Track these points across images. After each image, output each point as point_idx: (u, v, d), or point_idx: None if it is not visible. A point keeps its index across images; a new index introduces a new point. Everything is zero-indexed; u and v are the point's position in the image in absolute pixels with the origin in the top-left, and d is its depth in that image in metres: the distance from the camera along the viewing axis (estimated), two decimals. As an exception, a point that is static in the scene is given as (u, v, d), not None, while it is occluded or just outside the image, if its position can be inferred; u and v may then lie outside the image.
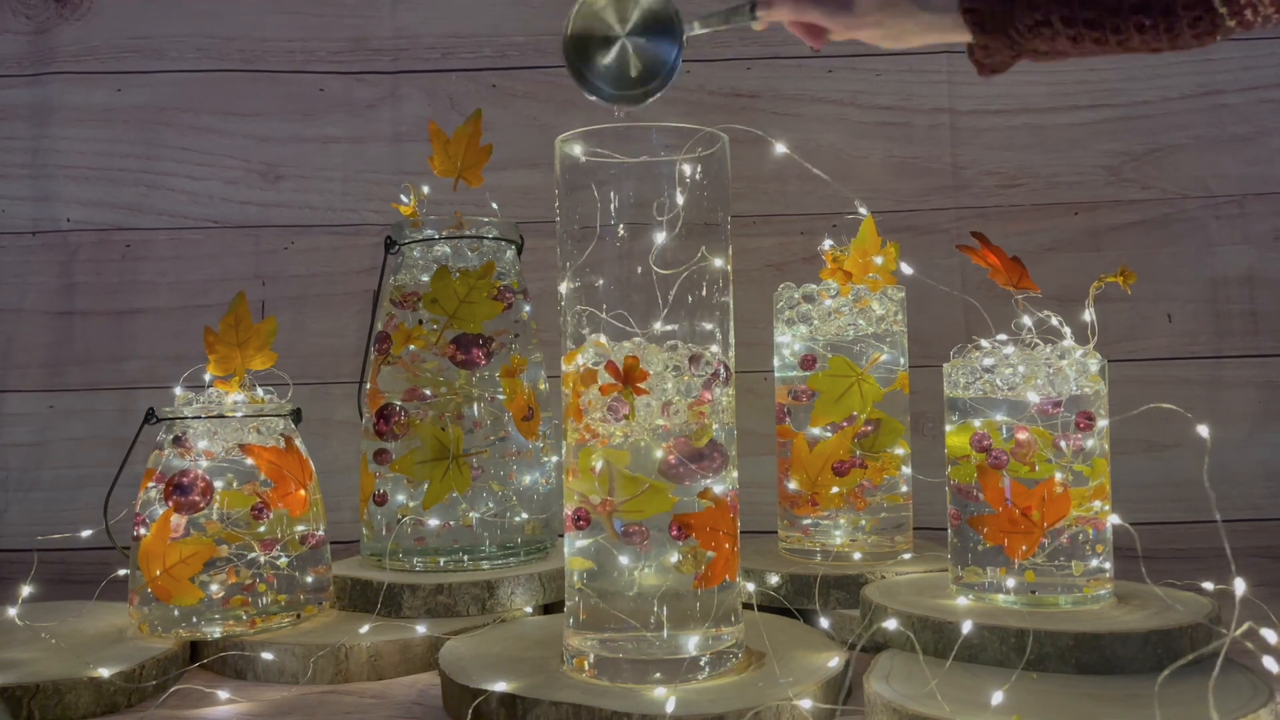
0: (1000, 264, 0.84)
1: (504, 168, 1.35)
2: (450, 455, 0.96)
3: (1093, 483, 0.79)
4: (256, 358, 0.90)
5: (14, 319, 1.41)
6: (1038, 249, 1.40)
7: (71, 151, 1.42)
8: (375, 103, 1.43)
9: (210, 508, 0.84)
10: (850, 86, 1.43)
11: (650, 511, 0.68)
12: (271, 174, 1.43)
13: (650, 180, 0.72)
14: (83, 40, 1.42)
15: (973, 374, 0.82)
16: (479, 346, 0.97)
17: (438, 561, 0.96)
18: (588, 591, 0.71)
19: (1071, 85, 1.41)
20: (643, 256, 0.71)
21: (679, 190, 0.71)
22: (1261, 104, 1.39)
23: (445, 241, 1.00)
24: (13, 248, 1.41)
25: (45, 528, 1.35)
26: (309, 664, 0.81)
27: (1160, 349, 1.39)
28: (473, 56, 1.43)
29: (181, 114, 1.43)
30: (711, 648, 0.70)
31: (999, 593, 0.80)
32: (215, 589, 0.84)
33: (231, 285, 1.40)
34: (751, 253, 1.41)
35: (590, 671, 0.70)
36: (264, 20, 1.43)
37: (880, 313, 0.99)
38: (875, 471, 0.98)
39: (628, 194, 0.72)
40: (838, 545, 0.99)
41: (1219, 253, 1.39)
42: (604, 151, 0.72)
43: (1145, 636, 0.71)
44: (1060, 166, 1.41)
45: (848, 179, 1.41)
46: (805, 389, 0.99)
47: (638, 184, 0.72)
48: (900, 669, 0.71)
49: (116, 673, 0.75)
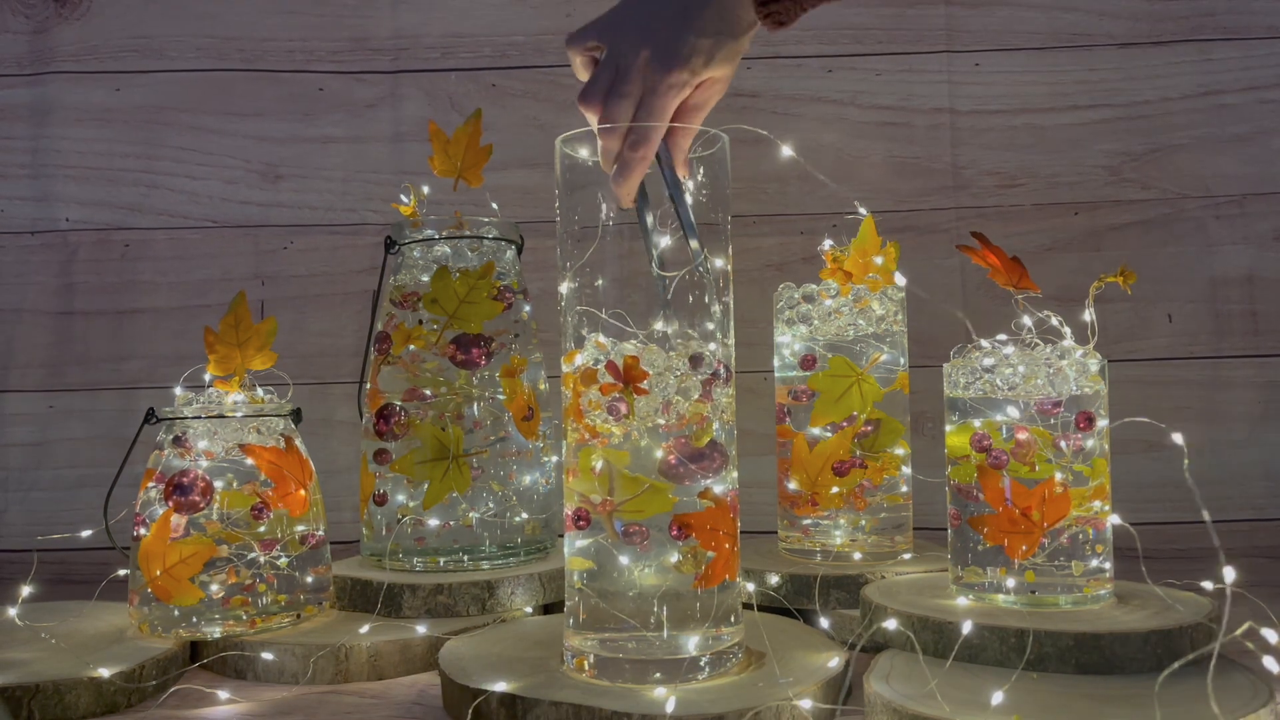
0: (1000, 264, 0.84)
1: (504, 168, 1.35)
2: (450, 455, 0.96)
3: (1093, 483, 0.79)
4: (256, 358, 0.90)
5: (14, 319, 1.41)
6: (1038, 249, 1.40)
7: (71, 151, 1.42)
8: (375, 103, 1.43)
9: (210, 508, 0.84)
10: (850, 86, 1.43)
11: (650, 511, 0.68)
12: (271, 174, 1.43)
13: (651, 181, 0.72)
14: (82, 40, 1.42)
15: (973, 374, 0.82)
16: (479, 346, 0.97)
17: (438, 561, 0.96)
18: (588, 591, 0.71)
19: (1071, 85, 1.41)
20: (643, 257, 0.71)
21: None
22: (1261, 104, 1.39)
23: (445, 241, 1.00)
24: (12, 248, 1.41)
25: (45, 528, 1.35)
26: (309, 664, 0.81)
27: (1160, 349, 1.39)
28: (472, 56, 1.43)
29: (181, 114, 1.43)
30: (711, 648, 0.70)
31: (999, 593, 0.80)
32: (215, 589, 0.84)
33: (231, 285, 1.40)
34: (751, 253, 1.41)
35: (590, 671, 0.70)
36: (264, 20, 1.43)
37: (880, 313, 0.99)
38: (875, 471, 0.98)
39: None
40: (838, 545, 0.99)
41: (1219, 253, 1.39)
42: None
43: (1145, 636, 0.71)
44: (1060, 166, 1.41)
45: (848, 179, 1.41)
46: (805, 389, 0.99)
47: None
48: (900, 669, 0.71)
49: (116, 673, 0.75)
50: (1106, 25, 1.41)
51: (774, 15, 0.69)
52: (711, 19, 0.68)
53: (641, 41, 0.68)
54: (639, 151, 0.67)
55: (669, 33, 0.68)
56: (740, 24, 0.70)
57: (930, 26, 1.42)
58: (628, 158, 0.68)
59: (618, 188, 0.69)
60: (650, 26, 0.69)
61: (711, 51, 0.68)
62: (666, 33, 0.68)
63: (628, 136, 0.68)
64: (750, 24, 0.70)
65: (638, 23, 0.69)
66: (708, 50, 0.68)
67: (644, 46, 0.68)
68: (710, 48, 0.68)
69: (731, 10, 0.69)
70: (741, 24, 0.70)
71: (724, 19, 0.69)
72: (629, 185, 0.68)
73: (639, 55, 0.68)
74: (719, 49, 0.69)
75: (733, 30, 0.69)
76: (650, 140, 0.68)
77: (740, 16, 0.69)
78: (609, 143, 0.69)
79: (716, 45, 0.68)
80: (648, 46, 0.68)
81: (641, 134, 0.68)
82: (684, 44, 0.67)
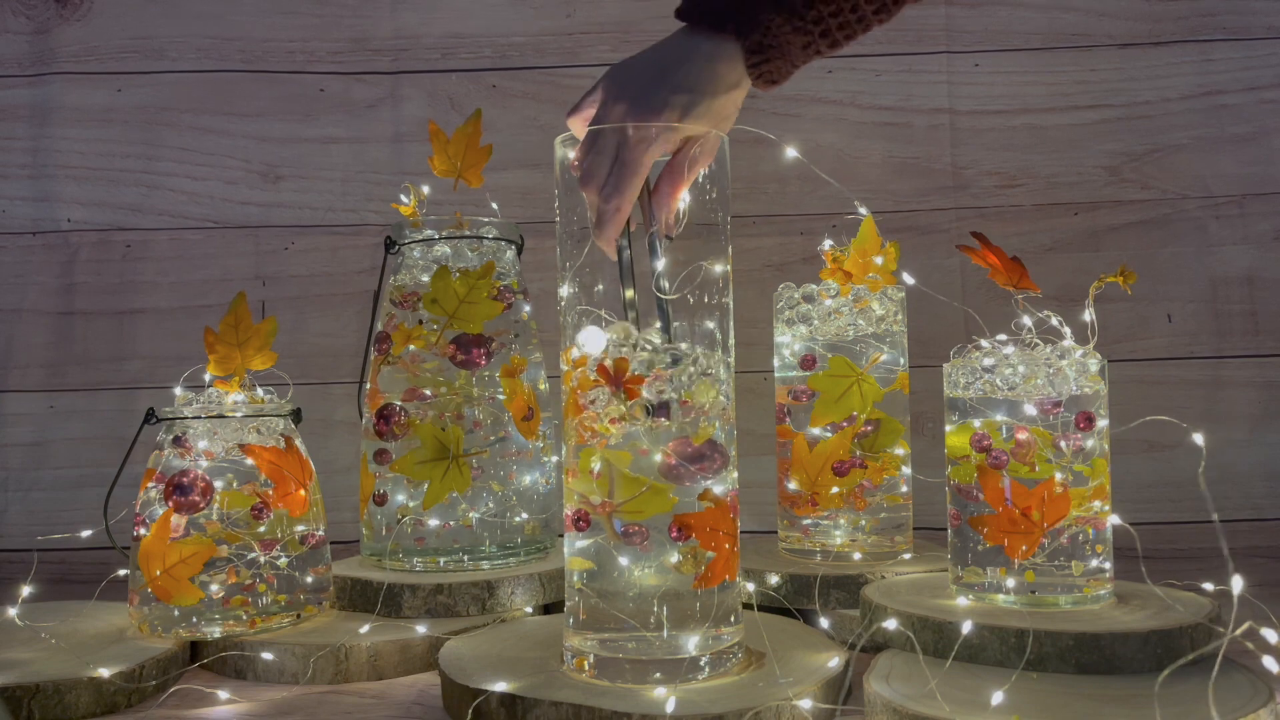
0: (1000, 264, 0.84)
1: (504, 168, 1.35)
2: (450, 455, 0.96)
3: (1093, 483, 0.79)
4: (256, 358, 0.90)
5: (14, 319, 1.41)
6: (1038, 249, 1.40)
7: (71, 152, 1.42)
8: (375, 103, 1.43)
9: (210, 508, 0.84)
10: (850, 86, 1.43)
11: (650, 512, 0.68)
12: (271, 174, 1.43)
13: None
14: (83, 40, 1.42)
15: (973, 374, 0.82)
16: (479, 346, 0.97)
17: (438, 561, 0.96)
18: (588, 592, 0.71)
19: (1071, 85, 1.41)
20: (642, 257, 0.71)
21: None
22: (1261, 104, 1.39)
23: (445, 241, 1.00)
24: (13, 248, 1.42)
25: (45, 528, 1.36)
26: (309, 664, 0.81)
27: (1160, 349, 1.39)
28: (473, 57, 1.43)
29: (181, 114, 1.43)
30: (711, 648, 0.70)
31: (999, 593, 0.80)
32: (215, 589, 0.84)
33: (231, 285, 1.40)
34: (751, 253, 1.41)
35: (590, 671, 0.70)
36: (264, 20, 1.44)
37: (880, 313, 0.99)
38: (875, 471, 0.98)
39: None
40: (838, 545, 0.99)
41: (1219, 253, 1.39)
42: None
43: (1145, 636, 0.71)
44: (1060, 166, 1.41)
45: (848, 179, 1.41)
46: (805, 389, 0.99)
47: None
48: (900, 669, 0.71)
49: (116, 673, 0.75)
50: (1106, 25, 1.41)
51: (766, 75, 0.72)
52: (689, 76, 0.70)
53: (619, 98, 0.71)
54: (611, 203, 0.69)
55: (643, 89, 0.70)
56: (722, 82, 0.71)
57: (930, 26, 1.42)
58: (602, 209, 0.69)
59: (598, 238, 0.71)
60: (629, 84, 0.71)
61: (687, 107, 0.70)
62: (641, 89, 0.70)
63: (603, 189, 0.70)
64: (734, 84, 0.71)
65: (619, 82, 0.72)
66: (683, 105, 0.70)
67: (620, 103, 0.70)
68: (686, 103, 0.70)
69: (713, 68, 0.70)
70: (723, 82, 0.71)
71: (703, 77, 0.70)
72: (605, 235, 0.70)
73: (615, 111, 0.70)
74: (695, 105, 0.70)
75: (712, 89, 0.70)
76: (622, 192, 0.69)
77: (723, 75, 0.71)
78: (588, 195, 0.71)
79: (693, 101, 0.70)
80: (623, 103, 0.70)
81: (614, 186, 0.69)
82: (656, 99, 0.69)
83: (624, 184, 0.69)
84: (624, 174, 0.68)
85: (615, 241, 0.70)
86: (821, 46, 0.70)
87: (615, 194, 0.69)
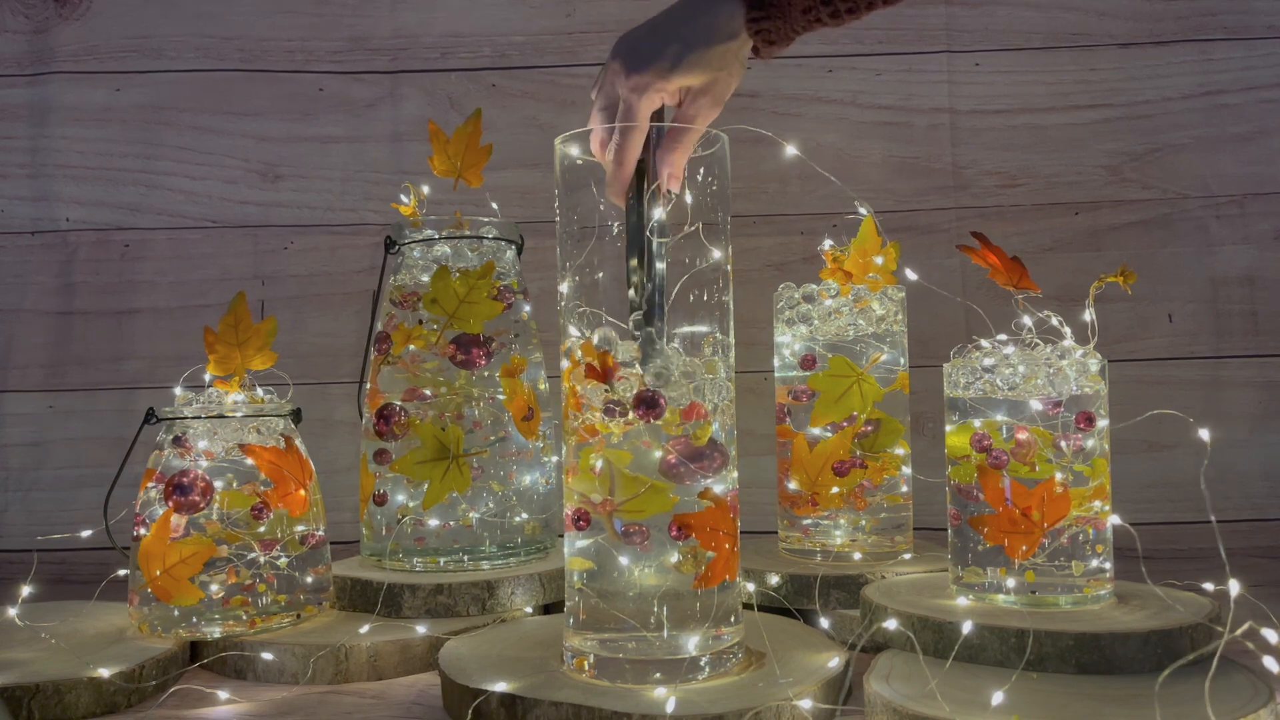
0: (1000, 264, 0.84)
1: (504, 168, 1.35)
2: (450, 455, 0.96)
3: (1093, 483, 0.79)
4: (256, 358, 0.90)
5: (13, 319, 1.41)
6: (1038, 249, 1.40)
7: (70, 151, 1.42)
8: (374, 102, 1.43)
9: (210, 508, 0.84)
10: (850, 86, 1.43)
11: (650, 511, 0.68)
12: (270, 174, 1.43)
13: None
14: (82, 40, 1.42)
15: (973, 374, 0.82)
16: (479, 346, 0.97)
17: (438, 561, 0.96)
18: (588, 591, 0.71)
19: (1071, 85, 1.41)
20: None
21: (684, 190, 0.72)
22: (1261, 104, 1.39)
23: (445, 241, 1.00)
24: (12, 248, 1.41)
25: (45, 528, 1.35)
26: (309, 664, 0.81)
27: (1160, 349, 1.39)
28: (472, 56, 1.43)
29: (180, 114, 1.43)
30: (711, 648, 0.70)
31: (999, 593, 0.80)
32: (215, 589, 0.84)
33: (231, 285, 1.40)
34: (751, 253, 1.41)
35: (590, 671, 0.70)
36: (263, 20, 1.43)
37: (880, 313, 0.99)
38: (875, 471, 0.98)
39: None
40: (838, 545, 0.99)
41: (1219, 253, 1.39)
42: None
43: (1145, 636, 0.71)
44: (1060, 166, 1.41)
45: (848, 179, 1.41)
46: (805, 389, 0.99)
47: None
48: (900, 669, 0.71)
49: (116, 673, 0.75)
50: (1106, 25, 1.41)
51: (765, 33, 0.72)
52: (680, 26, 0.71)
53: (616, 55, 0.73)
54: (614, 155, 0.71)
55: (636, 42, 0.72)
56: (717, 32, 0.71)
57: (930, 26, 1.42)
58: (607, 160, 0.71)
59: (607, 192, 0.73)
60: (626, 42, 0.73)
61: (679, 55, 0.71)
62: (634, 42, 0.72)
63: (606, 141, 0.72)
64: (731, 34, 0.72)
65: (620, 43, 0.73)
66: (674, 54, 0.70)
67: (616, 58, 0.72)
68: (677, 52, 0.71)
69: (709, 21, 0.71)
70: (719, 32, 0.71)
71: (696, 28, 0.71)
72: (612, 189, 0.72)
73: (612, 68, 0.72)
74: (687, 53, 0.71)
75: (706, 38, 0.71)
76: (623, 144, 0.70)
77: (719, 26, 0.71)
78: (595, 149, 0.73)
79: (684, 49, 0.71)
80: (619, 58, 0.72)
81: (616, 140, 0.71)
82: (648, 49, 0.71)
83: (625, 136, 0.70)
84: (623, 126, 0.70)
85: (625, 195, 0.72)
86: (823, 15, 0.70)
87: (617, 146, 0.70)
